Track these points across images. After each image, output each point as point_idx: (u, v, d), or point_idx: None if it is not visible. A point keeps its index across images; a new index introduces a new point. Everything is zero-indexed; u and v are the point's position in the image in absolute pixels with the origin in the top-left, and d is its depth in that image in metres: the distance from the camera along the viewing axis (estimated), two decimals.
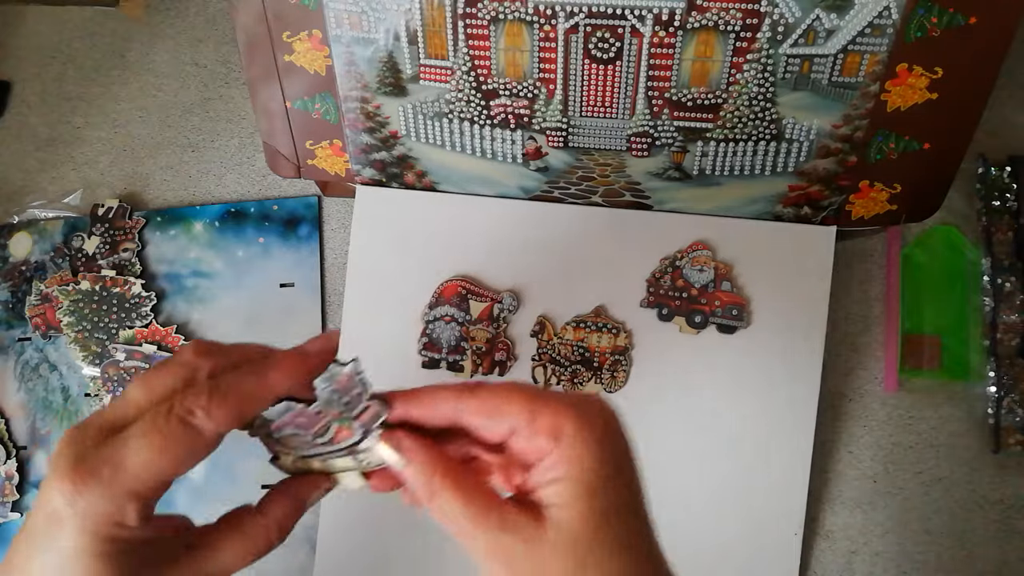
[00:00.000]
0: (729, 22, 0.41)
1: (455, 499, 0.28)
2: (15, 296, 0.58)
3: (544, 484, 0.28)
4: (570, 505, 0.27)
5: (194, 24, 0.62)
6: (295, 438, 0.30)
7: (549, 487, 0.27)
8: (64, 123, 0.62)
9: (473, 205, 0.52)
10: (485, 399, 0.29)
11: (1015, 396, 0.50)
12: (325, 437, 0.30)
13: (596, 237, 0.51)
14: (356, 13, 0.45)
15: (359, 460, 0.30)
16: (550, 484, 0.27)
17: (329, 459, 0.31)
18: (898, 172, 0.46)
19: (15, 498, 0.55)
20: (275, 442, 0.30)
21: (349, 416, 0.29)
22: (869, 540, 0.51)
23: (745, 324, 0.50)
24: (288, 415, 0.29)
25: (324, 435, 0.30)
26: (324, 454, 0.30)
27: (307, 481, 0.31)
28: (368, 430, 0.29)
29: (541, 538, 0.27)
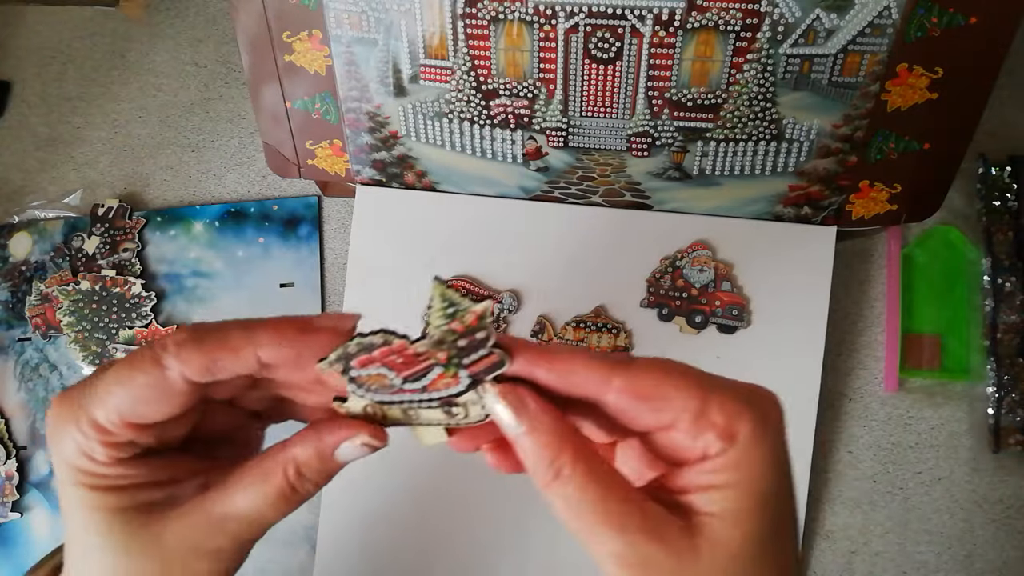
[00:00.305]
0: (729, 22, 0.41)
1: (588, 488, 0.23)
2: (15, 296, 0.58)
3: (702, 488, 0.23)
4: (736, 520, 0.23)
5: (194, 24, 0.62)
6: (378, 379, 0.25)
7: (709, 493, 0.23)
8: (64, 123, 0.62)
9: (473, 205, 0.52)
10: (642, 378, 0.23)
11: (1015, 396, 0.50)
12: (419, 383, 0.25)
13: (596, 237, 0.51)
14: (356, 13, 0.45)
15: (452, 414, 0.26)
16: (712, 490, 0.23)
17: (414, 409, 0.26)
18: (898, 172, 0.46)
19: (15, 498, 0.55)
20: (351, 380, 0.25)
21: (459, 362, 0.24)
22: (869, 540, 0.51)
23: (745, 324, 0.50)
24: (380, 351, 0.24)
25: (418, 380, 0.25)
26: (410, 402, 0.25)
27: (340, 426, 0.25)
28: (477, 380, 0.24)
29: (694, 553, 0.22)
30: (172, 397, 0.24)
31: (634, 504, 0.23)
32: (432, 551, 0.51)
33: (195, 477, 0.26)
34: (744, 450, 0.23)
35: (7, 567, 0.55)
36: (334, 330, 0.24)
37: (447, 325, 0.23)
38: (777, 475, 0.23)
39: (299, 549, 0.53)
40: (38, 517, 0.56)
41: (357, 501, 0.51)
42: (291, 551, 0.53)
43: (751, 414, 0.23)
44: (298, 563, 0.53)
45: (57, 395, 0.24)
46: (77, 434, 0.24)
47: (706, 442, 0.23)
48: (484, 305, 0.23)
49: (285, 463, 0.25)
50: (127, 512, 0.24)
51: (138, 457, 0.25)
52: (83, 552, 0.25)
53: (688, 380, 0.23)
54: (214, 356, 0.23)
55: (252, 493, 0.25)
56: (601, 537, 0.23)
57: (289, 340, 0.24)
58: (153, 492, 0.25)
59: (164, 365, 0.23)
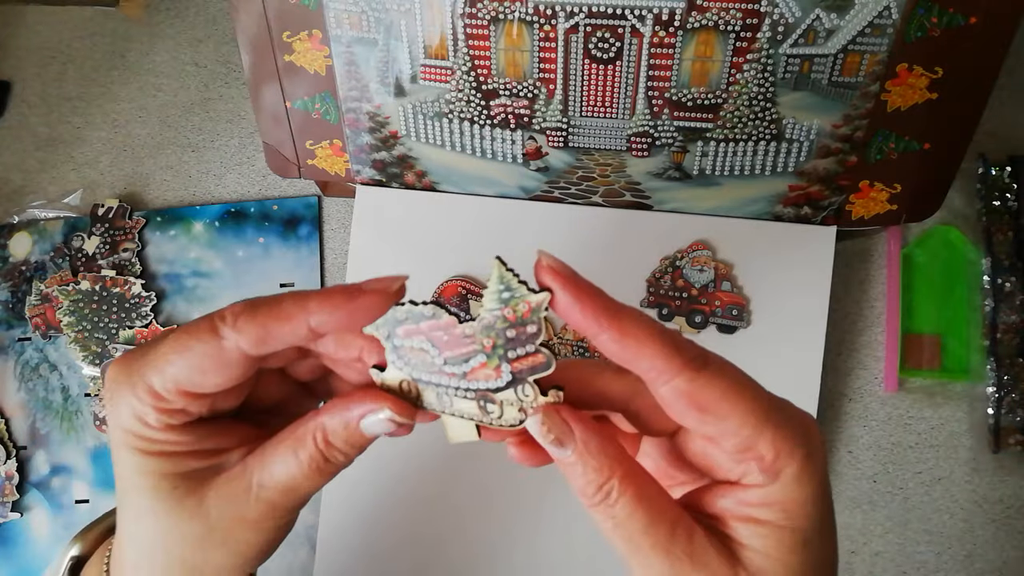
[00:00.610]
0: (729, 22, 0.41)
1: (637, 511, 0.22)
2: (15, 296, 0.58)
3: (742, 520, 0.23)
4: (778, 559, 0.22)
5: (194, 24, 0.62)
6: (420, 354, 0.24)
7: (750, 527, 0.23)
8: (64, 123, 0.62)
9: (473, 205, 0.52)
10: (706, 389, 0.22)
11: (1015, 396, 0.50)
12: (459, 368, 0.24)
13: (596, 237, 0.51)
14: (356, 13, 0.45)
15: (487, 411, 0.24)
16: (754, 524, 0.23)
17: (449, 396, 0.25)
18: (898, 172, 0.46)
19: (15, 498, 0.55)
20: (393, 350, 0.24)
21: (503, 354, 0.23)
22: (869, 540, 0.51)
23: (745, 324, 0.50)
24: (428, 323, 0.23)
25: (459, 364, 0.24)
26: (446, 387, 0.24)
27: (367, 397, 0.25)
28: (519, 379, 0.23)
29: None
30: (227, 368, 0.24)
31: (682, 530, 0.23)
32: (432, 551, 0.51)
33: (243, 446, 0.26)
34: (788, 489, 0.22)
35: (7, 567, 0.55)
36: (382, 292, 0.24)
37: (499, 310, 0.23)
38: (820, 513, 0.23)
39: (299, 549, 0.53)
40: (38, 517, 0.56)
41: (357, 501, 0.51)
42: (291, 551, 0.53)
43: (800, 452, 0.22)
44: (298, 563, 0.53)
45: (115, 359, 0.25)
46: (132, 399, 0.24)
47: (747, 470, 0.23)
48: (541, 297, 0.22)
49: (315, 430, 0.25)
50: (175, 478, 0.25)
51: (190, 425, 0.25)
52: (134, 515, 0.26)
53: (749, 405, 0.22)
54: (268, 326, 0.23)
55: (286, 460, 0.25)
56: (646, 560, 0.23)
57: (338, 305, 0.23)
58: (202, 460, 0.25)
59: (221, 335, 0.23)
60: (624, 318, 0.22)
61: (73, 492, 0.56)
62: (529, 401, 0.24)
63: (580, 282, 0.22)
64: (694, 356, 0.22)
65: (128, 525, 0.26)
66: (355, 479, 0.51)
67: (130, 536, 0.26)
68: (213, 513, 0.25)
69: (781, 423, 0.22)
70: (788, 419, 0.23)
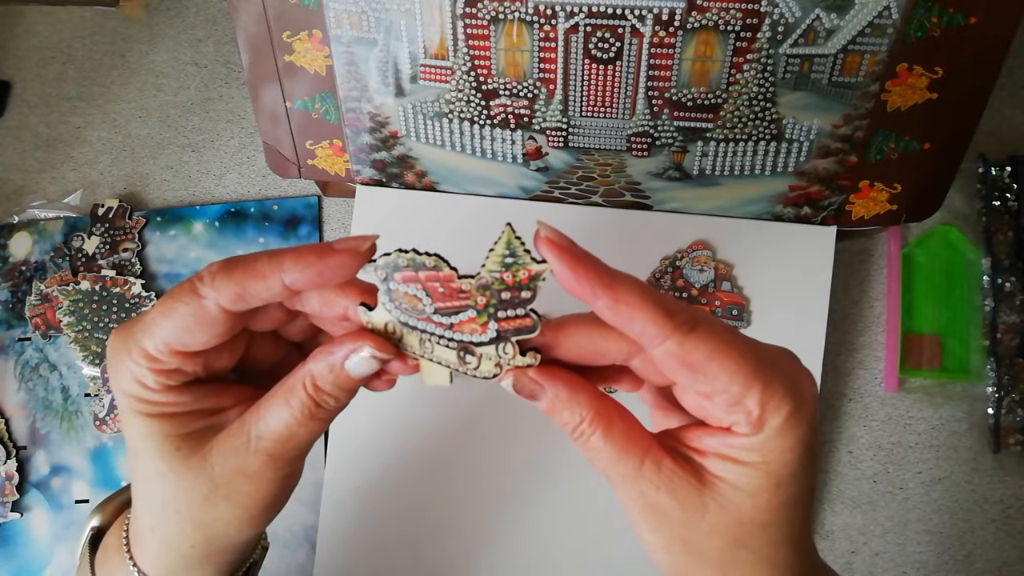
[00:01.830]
0: (729, 22, 0.41)
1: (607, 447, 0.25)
2: (15, 296, 0.58)
3: (721, 457, 0.24)
4: (748, 493, 0.24)
5: (194, 24, 0.62)
6: (412, 300, 0.25)
7: (727, 463, 0.24)
8: (64, 123, 0.62)
9: (473, 205, 0.52)
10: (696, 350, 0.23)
11: (1015, 396, 0.50)
12: (447, 319, 0.25)
13: (596, 237, 0.51)
14: (356, 13, 0.45)
15: (465, 361, 0.25)
16: (730, 462, 0.24)
17: (432, 342, 0.26)
18: (898, 172, 0.46)
19: (15, 498, 0.55)
20: (386, 292, 0.25)
21: (493, 313, 0.24)
22: (869, 540, 0.51)
23: (745, 324, 0.50)
24: (427, 273, 0.24)
25: (448, 316, 0.25)
26: (431, 334, 0.25)
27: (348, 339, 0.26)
28: (503, 338, 0.24)
29: (701, 508, 0.24)
30: (211, 324, 0.25)
31: (651, 460, 0.24)
32: (432, 551, 0.51)
33: (241, 405, 0.27)
34: (772, 438, 0.24)
35: (7, 567, 0.55)
36: (352, 251, 0.25)
37: (499, 273, 0.24)
38: (798, 460, 0.24)
39: (299, 549, 0.53)
40: (38, 517, 0.56)
41: (357, 501, 0.51)
42: (291, 551, 0.53)
43: (788, 405, 0.24)
44: (298, 563, 0.53)
45: (112, 330, 0.26)
46: (130, 363, 0.26)
47: (735, 420, 0.24)
48: (542, 267, 0.23)
49: (304, 377, 0.26)
50: (178, 439, 0.26)
51: (187, 385, 0.27)
52: (145, 478, 0.27)
53: (738, 363, 0.23)
54: (244, 283, 0.25)
55: (280, 410, 0.26)
56: (620, 487, 0.25)
57: (310, 263, 0.24)
58: (202, 420, 0.27)
59: (200, 295, 0.25)
60: (618, 286, 0.23)
61: (73, 492, 0.56)
62: (507, 359, 0.25)
63: (577, 252, 0.24)
64: (684, 320, 0.23)
65: (140, 490, 0.28)
66: (355, 479, 0.51)
67: (143, 500, 0.28)
68: (216, 468, 0.26)
69: (769, 380, 0.23)
70: (778, 375, 0.24)
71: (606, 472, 0.25)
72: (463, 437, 0.51)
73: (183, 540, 0.28)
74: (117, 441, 0.56)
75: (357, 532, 0.51)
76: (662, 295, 0.24)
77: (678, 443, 0.26)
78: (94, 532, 0.33)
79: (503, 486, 0.50)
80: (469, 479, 0.51)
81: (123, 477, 0.55)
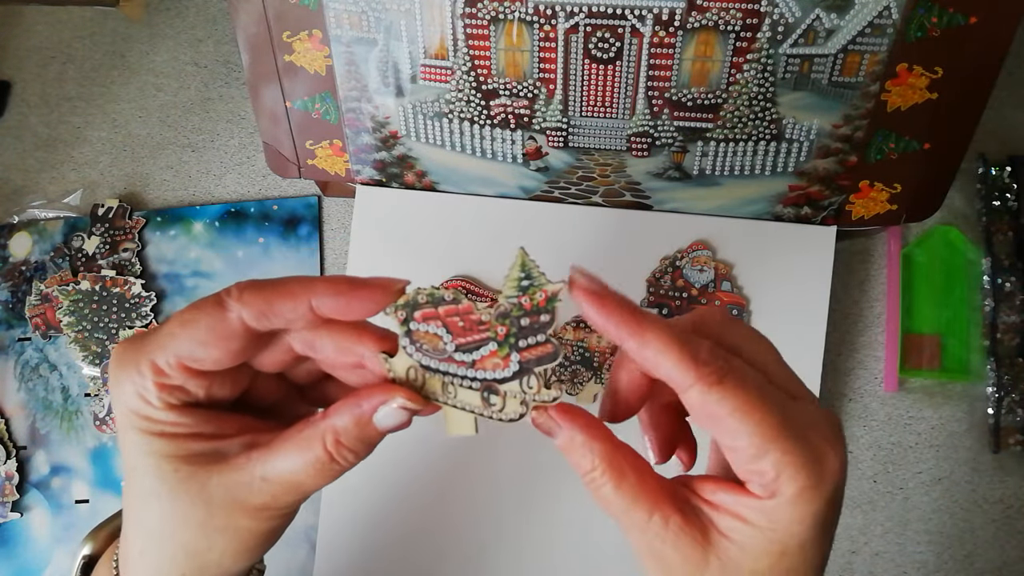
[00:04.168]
0: (729, 22, 0.41)
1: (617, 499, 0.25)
2: (15, 296, 0.58)
3: (731, 514, 0.24)
4: (753, 556, 0.24)
5: (194, 24, 0.62)
6: (432, 339, 0.25)
7: (738, 523, 0.24)
8: (64, 123, 0.62)
9: (473, 205, 0.52)
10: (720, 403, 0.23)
11: (1015, 396, 0.50)
12: (469, 355, 0.24)
13: (596, 237, 0.51)
14: (356, 13, 0.45)
15: (490, 403, 0.25)
16: (739, 520, 0.24)
17: (455, 385, 0.25)
18: (898, 172, 0.46)
19: (15, 498, 0.55)
20: (405, 335, 0.25)
21: (514, 343, 0.24)
22: (869, 540, 0.51)
23: None
24: (446, 308, 0.24)
25: (469, 352, 0.24)
26: (453, 376, 0.25)
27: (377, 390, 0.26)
28: (525, 370, 0.24)
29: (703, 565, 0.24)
30: (228, 340, 0.25)
31: (659, 515, 0.24)
32: (432, 551, 0.51)
33: (242, 435, 0.27)
34: (781, 506, 0.23)
35: (7, 567, 0.55)
36: (386, 288, 0.25)
37: (517, 297, 0.23)
38: (807, 533, 0.24)
39: (299, 549, 0.53)
40: (38, 517, 0.56)
41: (357, 501, 0.51)
42: (291, 551, 0.53)
43: (802, 479, 0.23)
44: (298, 563, 0.53)
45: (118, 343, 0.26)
46: (136, 375, 0.25)
47: (750, 479, 0.24)
48: (557, 286, 0.23)
49: (324, 432, 0.25)
50: (177, 460, 0.25)
51: (190, 408, 0.26)
52: (139, 498, 0.26)
53: (759, 424, 0.23)
54: (272, 300, 0.24)
55: (291, 459, 0.25)
56: (629, 531, 0.25)
57: (342, 291, 0.24)
58: (201, 443, 0.26)
59: (226, 307, 0.24)
60: (646, 330, 0.24)
61: (73, 492, 0.56)
62: (532, 394, 0.24)
63: (605, 294, 0.24)
64: (713, 370, 0.23)
65: (133, 510, 0.27)
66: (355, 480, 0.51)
67: (136, 522, 0.27)
68: (216, 497, 0.26)
69: (790, 448, 0.23)
70: (801, 443, 0.23)
71: (615, 518, 0.25)
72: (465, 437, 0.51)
73: (173, 568, 0.27)
74: (117, 441, 0.56)
75: (357, 532, 0.51)
76: (699, 341, 0.24)
77: (692, 493, 0.26)
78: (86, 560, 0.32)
79: (504, 487, 0.50)
80: (471, 479, 0.51)
81: (122, 477, 0.55)
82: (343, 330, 0.26)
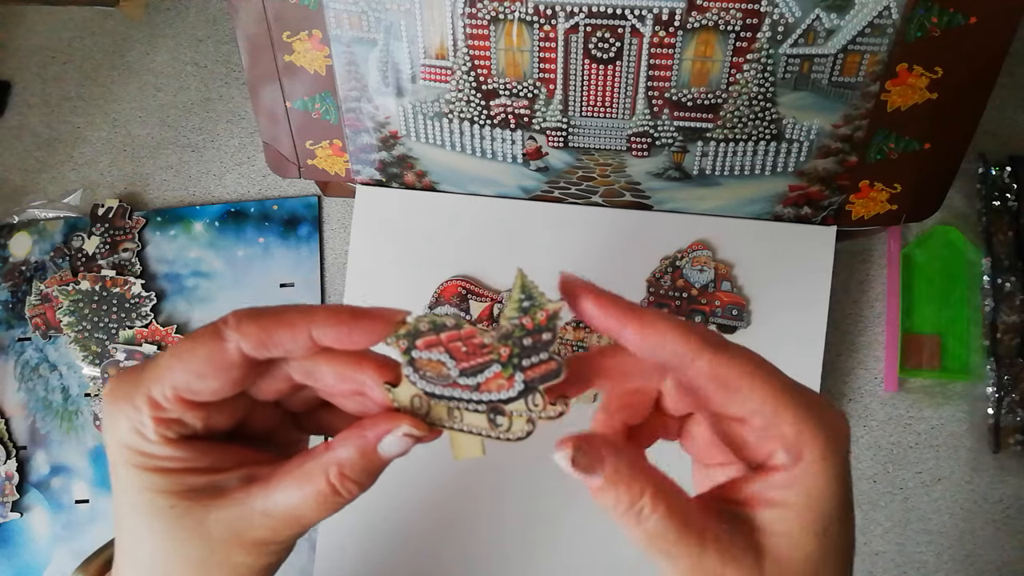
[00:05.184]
0: (729, 22, 0.41)
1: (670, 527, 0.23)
2: (15, 296, 0.58)
3: (768, 503, 0.24)
4: (798, 542, 0.23)
5: (194, 24, 0.62)
6: (436, 367, 0.25)
7: (776, 511, 0.24)
8: (64, 123, 0.62)
9: (473, 205, 0.52)
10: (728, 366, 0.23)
11: (1015, 396, 0.50)
12: (473, 379, 0.24)
13: (596, 237, 0.51)
14: (356, 13, 0.45)
15: (496, 424, 0.25)
16: (776, 507, 0.24)
17: (460, 409, 0.25)
18: (898, 172, 0.46)
19: (15, 498, 0.55)
20: (408, 363, 0.25)
21: (518, 363, 0.24)
22: (869, 540, 0.51)
23: (745, 324, 0.50)
24: (448, 333, 0.24)
25: (473, 376, 0.24)
26: (458, 400, 0.25)
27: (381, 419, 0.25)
28: (530, 388, 0.24)
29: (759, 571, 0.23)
30: (226, 370, 0.24)
31: (710, 533, 0.23)
32: (432, 551, 0.51)
33: (240, 468, 0.26)
34: (812, 473, 0.23)
35: (7, 567, 0.55)
36: (385, 318, 0.24)
37: (518, 319, 0.23)
38: (840, 502, 0.24)
39: (299, 549, 0.53)
40: (38, 517, 0.56)
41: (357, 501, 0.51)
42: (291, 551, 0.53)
43: (821, 436, 0.23)
44: (298, 563, 0.53)
45: (112, 377, 0.25)
46: (131, 410, 0.24)
47: (772, 450, 0.24)
48: (557, 305, 0.23)
49: (327, 465, 0.25)
50: (173, 496, 0.25)
51: (185, 439, 0.25)
52: (133, 535, 0.26)
53: (770, 383, 0.23)
54: (271, 329, 0.24)
55: (292, 493, 0.25)
56: (677, 558, 0.23)
57: (343, 321, 0.24)
58: (198, 478, 0.25)
59: (224, 337, 0.24)
60: (642, 312, 0.24)
61: (73, 492, 0.56)
62: (538, 411, 0.24)
63: (599, 290, 0.24)
64: (711, 338, 0.24)
65: (127, 545, 0.26)
66: None
67: (129, 556, 0.26)
68: (214, 533, 0.25)
69: (802, 406, 0.23)
70: (809, 404, 0.23)
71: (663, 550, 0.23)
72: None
73: None
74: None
75: (357, 532, 0.51)
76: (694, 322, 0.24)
77: (723, 502, 0.25)
78: None
79: (508, 485, 0.50)
80: (472, 479, 0.51)
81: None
82: (343, 358, 0.26)
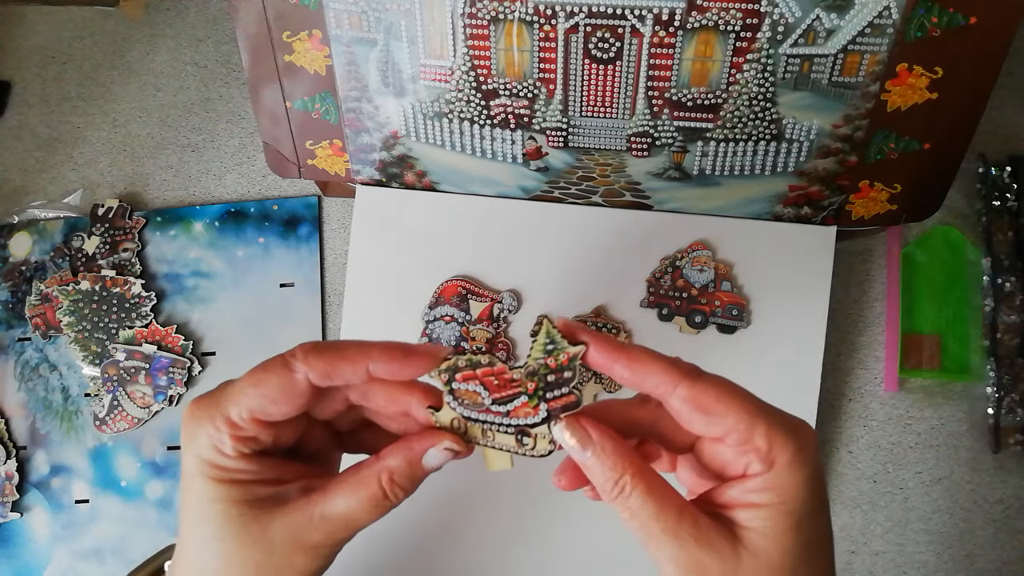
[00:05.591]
0: (729, 22, 0.41)
1: (648, 501, 0.27)
2: (15, 296, 0.58)
3: (744, 505, 0.27)
4: (774, 537, 0.26)
5: (194, 24, 0.62)
6: (472, 396, 0.29)
7: (752, 511, 0.27)
8: (64, 123, 0.62)
9: (473, 205, 0.52)
10: (704, 392, 0.27)
11: (1015, 396, 0.50)
12: (504, 407, 0.29)
13: (596, 237, 0.51)
14: (356, 13, 0.45)
15: (522, 443, 0.29)
16: (753, 508, 0.27)
17: (492, 431, 0.29)
18: (898, 172, 0.46)
19: (15, 498, 0.55)
20: (449, 392, 0.29)
21: (542, 395, 0.28)
22: (869, 540, 0.51)
23: (745, 324, 0.50)
24: (483, 369, 0.28)
25: (504, 404, 0.29)
26: (491, 423, 0.29)
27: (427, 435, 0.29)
28: (552, 416, 0.28)
29: (736, 561, 0.26)
30: (296, 397, 0.28)
31: (688, 515, 0.27)
32: (432, 552, 0.51)
33: (299, 480, 0.29)
34: (783, 475, 0.26)
35: (7, 567, 0.55)
36: (432, 355, 0.29)
37: (543, 360, 0.28)
38: (811, 500, 0.26)
39: None
40: (38, 517, 0.56)
41: None
42: None
43: (792, 442, 0.26)
44: None
45: (192, 400, 0.28)
46: (211, 429, 0.28)
47: (748, 461, 0.27)
48: (578, 349, 0.27)
49: (379, 472, 0.29)
50: (243, 504, 0.28)
51: (257, 455, 0.29)
52: (199, 543, 0.28)
53: (742, 404, 0.27)
54: (334, 363, 0.28)
55: (348, 498, 0.28)
56: (660, 542, 0.27)
57: (395, 357, 0.28)
58: (266, 488, 0.29)
59: (293, 368, 0.28)
60: (631, 349, 0.28)
61: (73, 492, 0.56)
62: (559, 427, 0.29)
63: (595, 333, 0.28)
64: (690, 370, 0.27)
65: (192, 554, 0.29)
66: None
67: (194, 564, 0.29)
68: (276, 537, 0.28)
69: (772, 421, 0.27)
70: (778, 418, 0.27)
71: (645, 527, 0.27)
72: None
73: None
74: (117, 441, 0.56)
75: None
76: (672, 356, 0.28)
77: (705, 504, 0.28)
78: None
79: (509, 485, 0.50)
80: (473, 479, 0.51)
81: (122, 477, 0.55)
82: (394, 384, 0.30)
